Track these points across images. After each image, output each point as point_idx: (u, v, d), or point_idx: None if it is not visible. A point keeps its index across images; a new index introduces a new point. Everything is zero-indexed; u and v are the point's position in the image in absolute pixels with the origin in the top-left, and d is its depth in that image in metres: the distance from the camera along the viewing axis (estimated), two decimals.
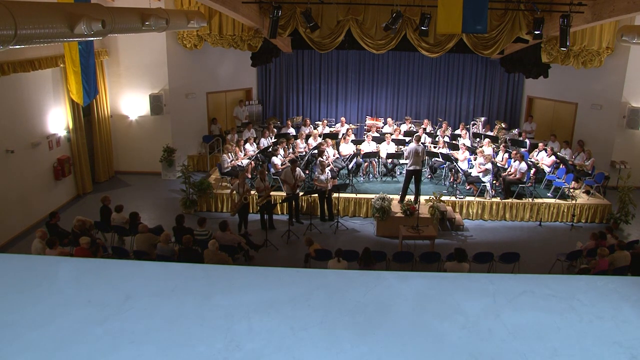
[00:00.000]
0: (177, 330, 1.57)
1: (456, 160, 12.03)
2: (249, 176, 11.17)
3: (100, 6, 7.49)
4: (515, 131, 14.53)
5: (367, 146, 12.66)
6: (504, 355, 1.49)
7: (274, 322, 1.61)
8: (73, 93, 10.70)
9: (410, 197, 11.04)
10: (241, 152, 12.35)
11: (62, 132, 11.32)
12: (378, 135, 13.61)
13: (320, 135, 13.33)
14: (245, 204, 10.19)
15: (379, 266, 8.35)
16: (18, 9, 5.08)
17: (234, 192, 10.23)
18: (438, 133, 14.21)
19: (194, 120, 14.37)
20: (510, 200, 11.42)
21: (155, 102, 13.20)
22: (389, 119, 14.90)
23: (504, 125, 14.62)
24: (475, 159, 12.04)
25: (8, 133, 9.62)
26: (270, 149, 12.32)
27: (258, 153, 12.52)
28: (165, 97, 13.31)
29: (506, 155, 12.43)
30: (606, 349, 1.53)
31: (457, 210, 11.32)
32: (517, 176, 11.49)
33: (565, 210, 11.42)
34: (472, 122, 15.43)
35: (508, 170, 11.88)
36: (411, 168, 10.88)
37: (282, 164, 11.82)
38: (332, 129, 14.66)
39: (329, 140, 13.14)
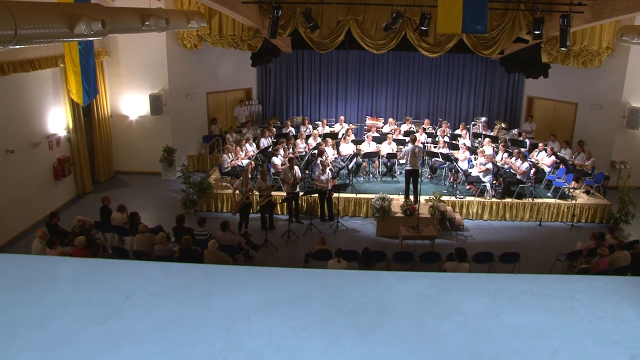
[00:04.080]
0: (177, 330, 1.57)
1: (456, 160, 12.02)
2: (249, 176, 11.17)
3: (100, 6, 7.48)
4: (515, 131, 14.52)
5: (367, 146, 12.66)
6: (504, 355, 1.49)
7: (274, 322, 1.61)
8: (73, 93, 10.69)
9: (410, 197, 11.06)
10: (242, 152, 12.35)
11: (62, 132, 11.31)
12: (378, 135, 13.61)
13: (320, 135, 13.34)
14: (247, 204, 10.19)
15: (379, 266, 8.34)
16: (18, 9, 5.08)
17: (237, 191, 10.23)
18: (438, 133, 14.21)
19: (194, 120, 14.36)
20: (510, 200, 11.42)
21: (155, 102, 13.19)
22: (390, 119, 14.89)
23: (504, 125, 14.62)
24: (475, 159, 12.04)
25: (8, 133, 9.61)
26: (270, 149, 12.32)
27: (258, 153, 12.52)
28: (165, 97, 13.30)
29: (506, 154, 12.42)
30: (606, 349, 1.53)
31: (457, 210, 11.32)
32: (519, 175, 11.49)
33: (565, 210, 11.41)
34: (472, 122, 15.43)
35: (507, 165, 11.87)
36: (408, 168, 10.94)
37: (282, 164, 11.83)
38: (331, 129, 14.66)
39: (329, 140, 13.14)
